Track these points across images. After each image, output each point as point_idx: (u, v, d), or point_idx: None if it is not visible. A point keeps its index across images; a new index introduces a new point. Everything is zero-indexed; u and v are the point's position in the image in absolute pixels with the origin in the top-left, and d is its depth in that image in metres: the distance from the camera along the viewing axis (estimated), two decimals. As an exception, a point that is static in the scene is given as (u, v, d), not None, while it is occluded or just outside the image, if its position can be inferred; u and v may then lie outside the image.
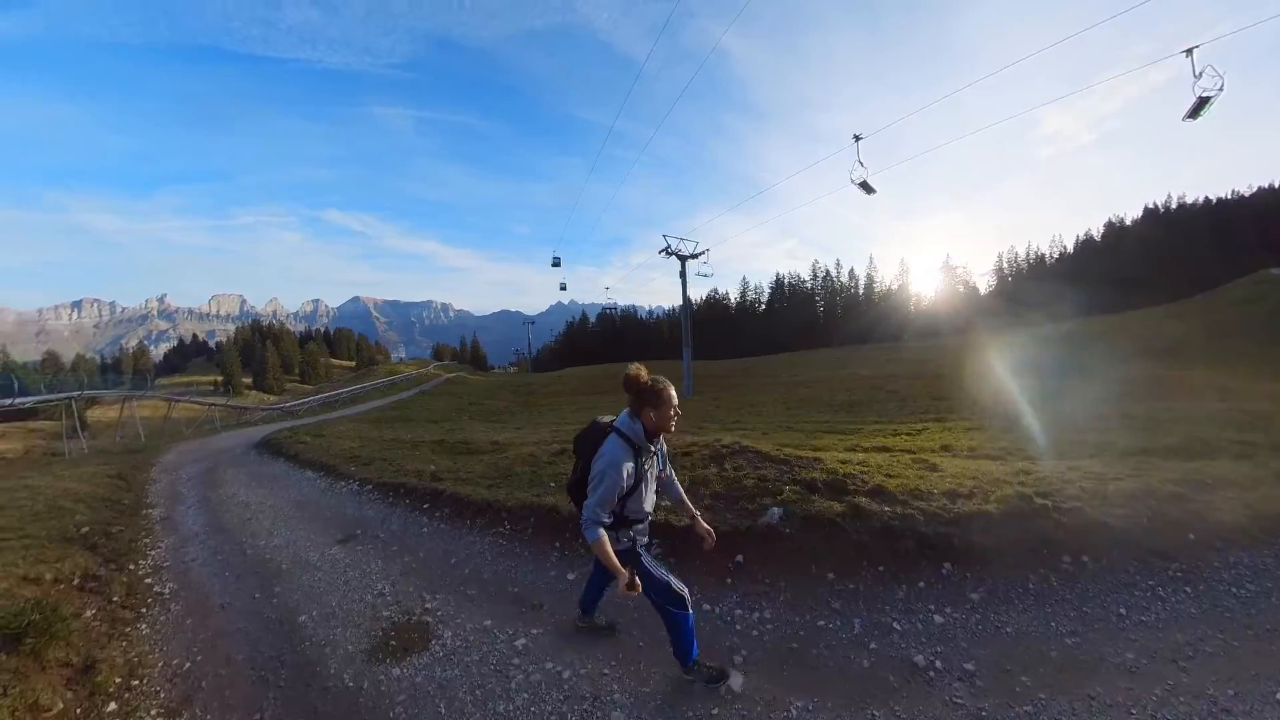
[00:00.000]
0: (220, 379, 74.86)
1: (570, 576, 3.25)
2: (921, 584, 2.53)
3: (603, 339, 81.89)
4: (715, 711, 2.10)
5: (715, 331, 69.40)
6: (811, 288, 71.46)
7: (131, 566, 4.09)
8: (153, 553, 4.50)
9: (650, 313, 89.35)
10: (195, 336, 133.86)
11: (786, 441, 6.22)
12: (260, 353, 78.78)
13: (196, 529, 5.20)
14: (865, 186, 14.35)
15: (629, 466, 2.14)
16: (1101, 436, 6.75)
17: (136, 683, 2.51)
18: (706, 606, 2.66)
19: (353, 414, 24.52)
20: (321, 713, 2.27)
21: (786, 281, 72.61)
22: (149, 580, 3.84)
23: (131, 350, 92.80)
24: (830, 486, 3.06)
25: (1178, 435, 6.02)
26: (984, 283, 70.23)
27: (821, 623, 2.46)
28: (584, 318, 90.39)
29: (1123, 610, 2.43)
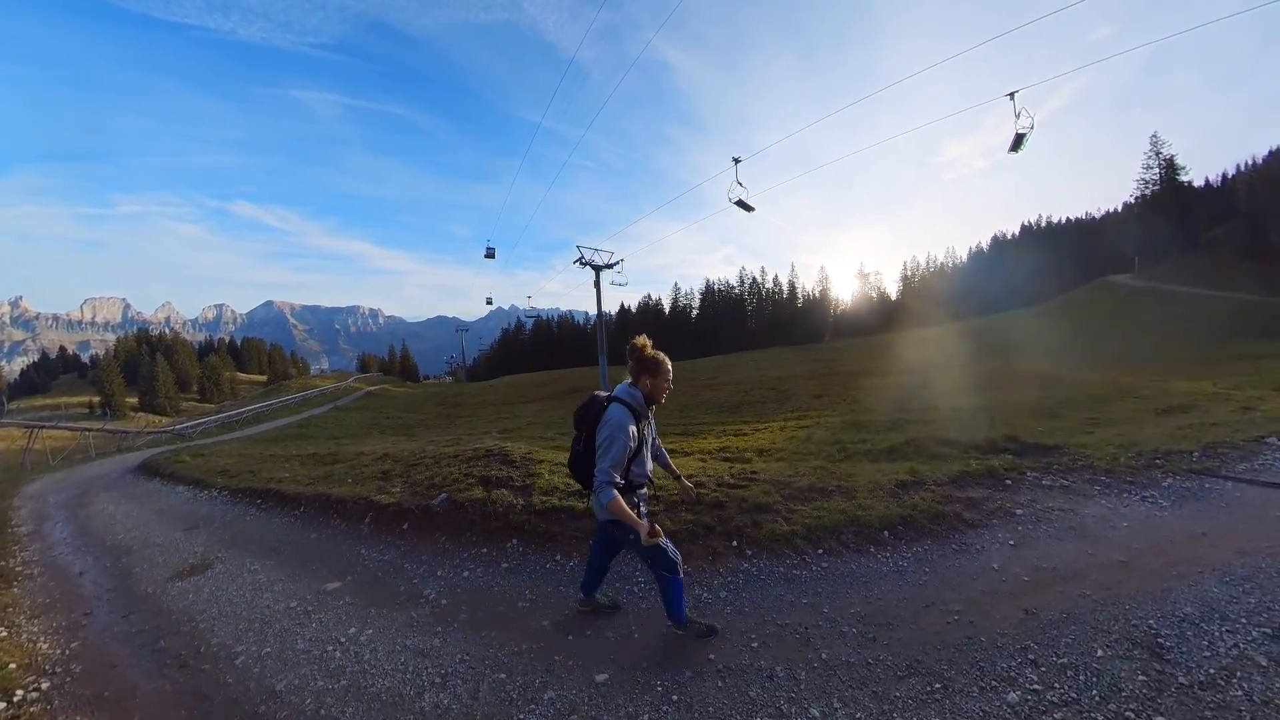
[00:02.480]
0: (97, 399, 66.80)
1: (312, 535, 4.86)
2: (482, 549, 3.75)
3: (539, 346, 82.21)
4: (405, 615, 3.75)
5: (648, 336, 71.97)
6: (740, 293, 76.20)
7: (1, 564, 5.12)
8: (22, 554, 5.51)
9: (590, 318, 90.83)
10: (63, 349, 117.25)
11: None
12: (149, 367, 70.56)
13: (64, 536, 6.17)
14: (743, 205, 16.66)
15: (633, 428, 2.34)
16: (868, 437, 8.21)
17: (11, 608, 3.80)
18: (373, 554, 4.10)
19: (252, 434, 24.01)
20: (131, 605, 3.75)
21: (716, 288, 77.02)
22: (20, 569, 4.94)
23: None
24: (495, 481, 4.65)
25: (916, 434, 7.24)
26: (894, 288, 78.20)
27: (466, 571, 3.69)
28: (519, 325, 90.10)
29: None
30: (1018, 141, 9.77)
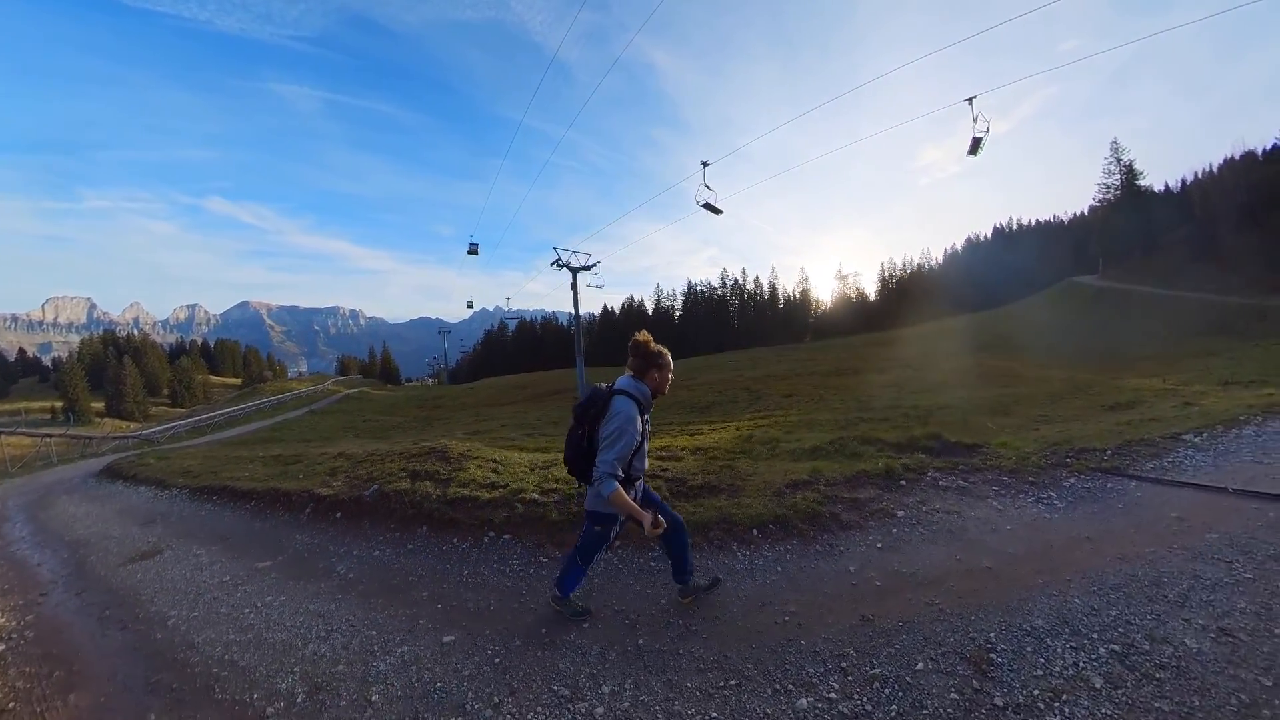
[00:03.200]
0: (60, 404, 65.04)
1: (257, 525, 5.37)
2: (395, 533, 4.27)
3: (522, 347, 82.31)
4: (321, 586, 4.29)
5: (631, 337, 72.74)
6: (722, 295, 77.35)
7: (-37, 561, 5.53)
8: (-18, 552, 5.89)
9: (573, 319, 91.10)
10: (23, 351, 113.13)
11: (537, 445, 8.68)
12: (116, 370, 68.65)
13: (24, 535, 6.56)
14: (710, 207, 17.23)
15: (639, 422, 2.39)
16: (805, 436, 8.24)
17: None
18: (305, 539, 4.61)
19: (223, 438, 24.02)
20: (84, 586, 4.25)
21: (698, 289, 78.08)
22: (-19, 564, 5.35)
23: (-71, 373, 77.81)
24: (422, 474, 5.22)
25: (849, 433, 7.21)
26: (872, 289, 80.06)
27: (376, 552, 4.27)
28: (502, 326, 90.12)
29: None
30: (975, 145, 10.11)
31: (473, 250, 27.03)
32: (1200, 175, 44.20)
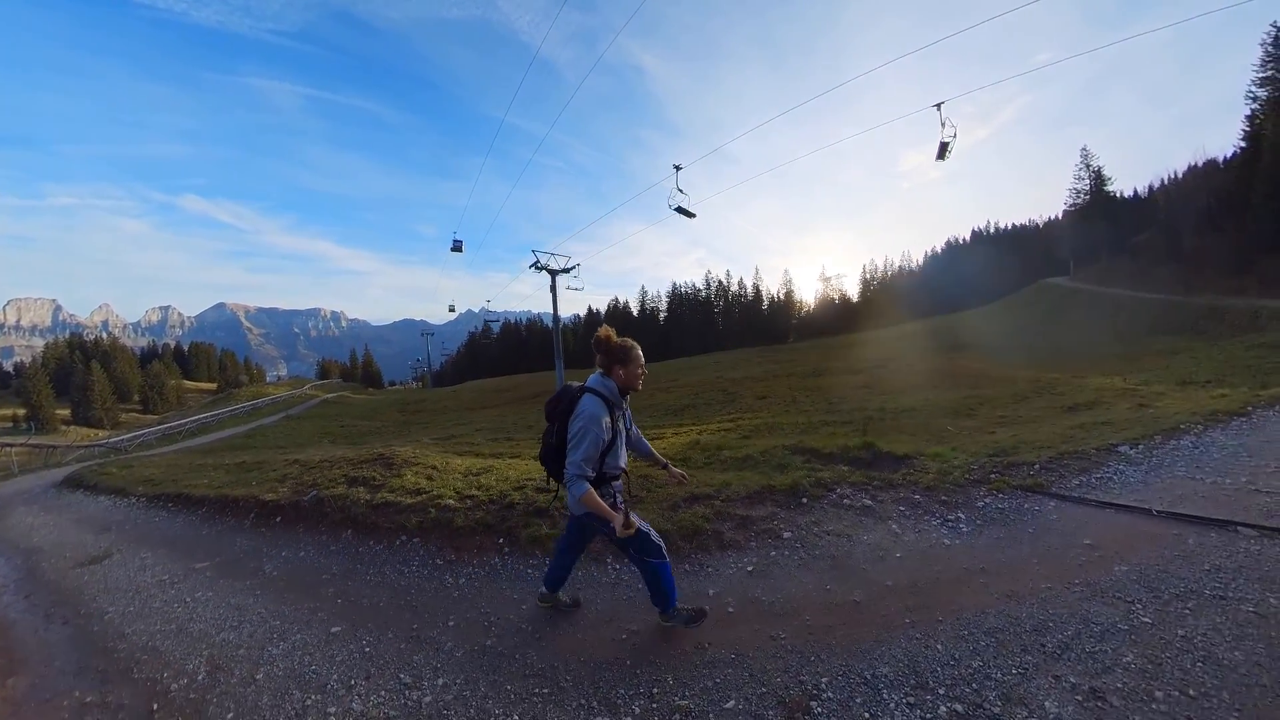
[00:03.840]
0: (22, 412, 63.34)
1: (204, 530, 5.73)
2: (323, 536, 4.61)
3: (506, 349, 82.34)
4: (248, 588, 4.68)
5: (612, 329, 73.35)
6: (707, 296, 78.26)
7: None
8: (-65, 561, 6.15)
9: (560, 321, 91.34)
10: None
11: (492, 450, 9.09)
12: (82, 376, 66.63)
13: (-23, 544, 6.78)
14: (683, 211, 17.66)
15: (606, 420, 2.35)
16: (740, 444, 8.06)
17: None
18: (243, 541, 4.96)
19: (193, 446, 23.92)
20: (33, 589, 4.60)
21: (683, 291, 78.90)
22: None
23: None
24: (358, 480, 5.62)
25: (813, 440, 6.63)
26: (855, 290, 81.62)
27: (303, 553, 4.63)
28: (486, 328, 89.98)
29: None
30: (942, 150, 10.50)
31: (456, 247, 26.60)
32: (1166, 181, 46.21)
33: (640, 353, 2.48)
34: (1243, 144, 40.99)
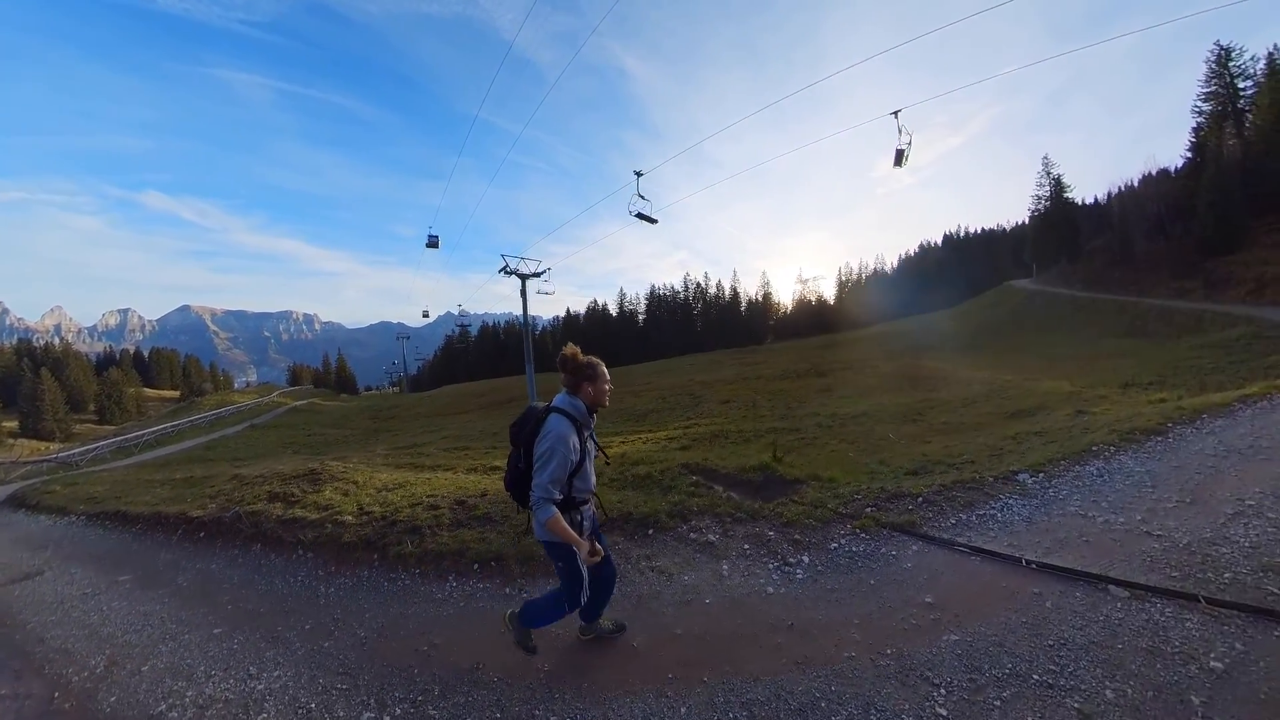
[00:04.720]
0: (-32, 424, 60.81)
1: (134, 546, 6.15)
2: (235, 550, 5.06)
3: (484, 353, 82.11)
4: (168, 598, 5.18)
5: (595, 341, 73.92)
6: (685, 298, 79.35)
7: None
8: None
9: (540, 324, 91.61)
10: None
11: (445, 462, 9.62)
12: (31, 385, 63.50)
13: (-88, 564, 7.08)
14: (644, 217, 18.27)
15: (574, 440, 2.31)
16: (661, 459, 9.20)
17: None
18: (166, 555, 5.44)
19: (148, 459, 23.72)
20: None
21: (661, 293, 79.84)
22: None
23: None
24: (280, 497, 6.11)
25: (674, 460, 8.18)
26: (831, 293, 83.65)
27: (214, 565, 5.15)
28: (463, 332, 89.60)
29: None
30: (899, 157, 10.55)
31: (432, 243, 25.39)
32: (1122, 189, 48.61)
33: (605, 369, 2.48)
34: (1189, 155, 43.57)
